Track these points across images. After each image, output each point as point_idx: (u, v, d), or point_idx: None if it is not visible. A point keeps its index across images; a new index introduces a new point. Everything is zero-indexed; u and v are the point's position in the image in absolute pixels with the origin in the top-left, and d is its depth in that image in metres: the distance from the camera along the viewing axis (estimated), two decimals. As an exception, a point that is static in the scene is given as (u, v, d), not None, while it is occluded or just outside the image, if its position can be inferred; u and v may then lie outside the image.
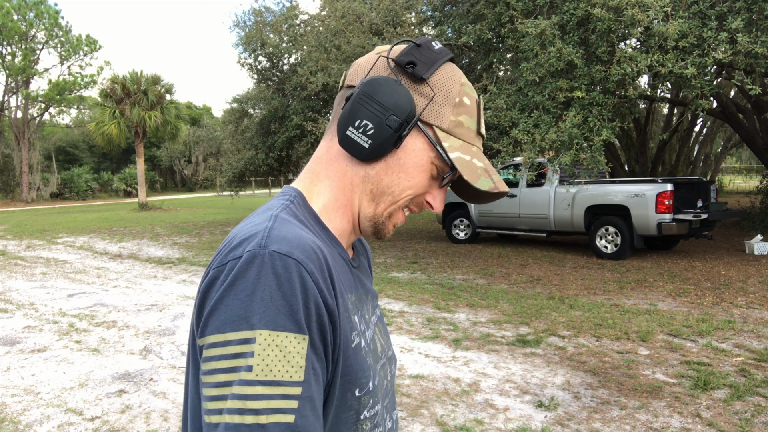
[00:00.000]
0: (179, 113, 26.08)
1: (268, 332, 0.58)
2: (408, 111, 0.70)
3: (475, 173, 0.73)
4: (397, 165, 0.73)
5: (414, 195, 0.74)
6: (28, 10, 29.36)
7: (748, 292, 6.23)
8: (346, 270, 0.75)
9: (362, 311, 0.76)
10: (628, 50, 6.51)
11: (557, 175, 9.34)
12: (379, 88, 0.70)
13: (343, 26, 9.13)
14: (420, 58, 0.72)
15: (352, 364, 0.68)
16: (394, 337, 4.96)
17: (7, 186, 34.24)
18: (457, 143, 0.73)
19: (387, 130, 0.70)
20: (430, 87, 0.72)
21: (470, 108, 0.75)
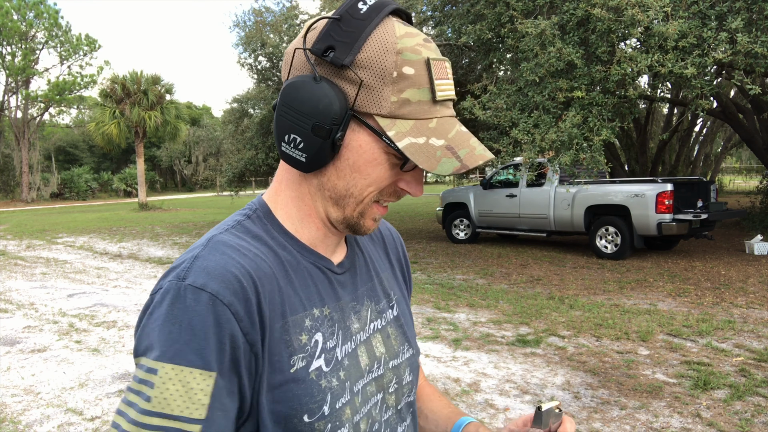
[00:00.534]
0: (179, 113, 26.09)
1: (171, 366, 0.56)
2: (332, 112, 0.62)
3: (433, 157, 0.61)
4: (347, 167, 0.65)
5: (377, 190, 0.67)
6: (28, 10, 29.37)
7: (748, 292, 6.23)
8: (317, 281, 0.71)
9: (342, 322, 0.72)
10: (628, 50, 6.52)
11: (557, 175, 9.34)
12: (295, 94, 0.63)
13: (343, 26, 9.13)
14: (339, 37, 0.61)
15: (285, 391, 0.63)
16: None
17: (7, 186, 34.25)
18: (405, 126, 0.62)
19: (316, 140, 0.63)
20: (355, 71, 0.61)
21: (416, 77, 0.62)
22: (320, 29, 0.63)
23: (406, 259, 0.93)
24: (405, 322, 0.83)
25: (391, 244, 0.90)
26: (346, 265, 0.76)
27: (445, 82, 0.64)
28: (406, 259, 0.93)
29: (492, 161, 0.97)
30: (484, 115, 7.23)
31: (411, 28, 0.65)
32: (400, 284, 0.88)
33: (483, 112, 7.24)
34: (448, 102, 0.66)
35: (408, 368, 0.81)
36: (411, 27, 0.65)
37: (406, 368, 0.80)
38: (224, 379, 0.58)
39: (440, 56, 0.65)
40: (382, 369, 0.76)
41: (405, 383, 0.80)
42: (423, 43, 0.64)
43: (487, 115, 7.22)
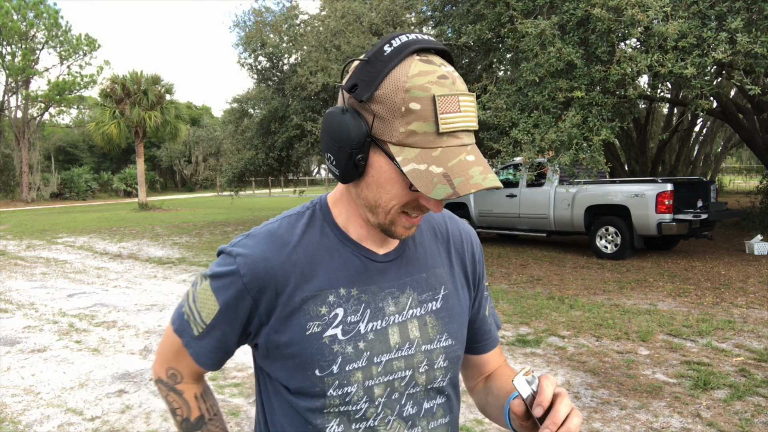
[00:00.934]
0: (179, 113, 26.08)
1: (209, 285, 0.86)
2: (352, 138, 0.75)
3: (430, 182, 0.72)
4: (373, 182, 0.78)
5: (399, 204, 0.79)
6: (28, 10, 29.37)
7: (748, 292, 6.23)
8: (351, 267, 0.86)
9: (372, 303, 0.86)
10: (628, 50, 6.52)
11: (557, 175, 9.34)
12: (328, 122, 0.78)
13: (343, 26, 9.13)
14: (363, 76, 0.75)
15: (301, 348, 0.83)
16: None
17: (7, 186, 34.25)
18: (411, 153, 0.73)
19: (342, 159, 0.77)
20: (372, 106, 0.74)
21: (422, 112, 0.72)
22: (353, 69, 0.77)
23: (476, 263, 1.02)
24: (448, 316, 0.93)
25: (458, 245, 0.99)
26: (391, 257, 0.89)
27: (452, 116, 0.72)
28: (476, 262, 1.02)
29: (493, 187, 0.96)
30: (484, 115, 7.23)
31: (430, 66, 0.74)
32: (458, 282, 0.97)
33: (483, 112, 7.24)
34: (459, 133, 0.74)
35: (443, 355, 0.91)
36: (432, 64, 0.74)
37: (440, 355, 0.90)
38: (224, 316, 0.85)
39: (455, 91, 0.73)
40: (413, 350, 0.88)
41: (437, 367, 0.90)
42: (436, 80, 0.72)
43: (487, 115, 7.21)
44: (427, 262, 0.93)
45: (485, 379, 1.05)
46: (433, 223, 0.98)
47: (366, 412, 0.85)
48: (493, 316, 1.07)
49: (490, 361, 1.06)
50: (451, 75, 0.74)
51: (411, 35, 0.76)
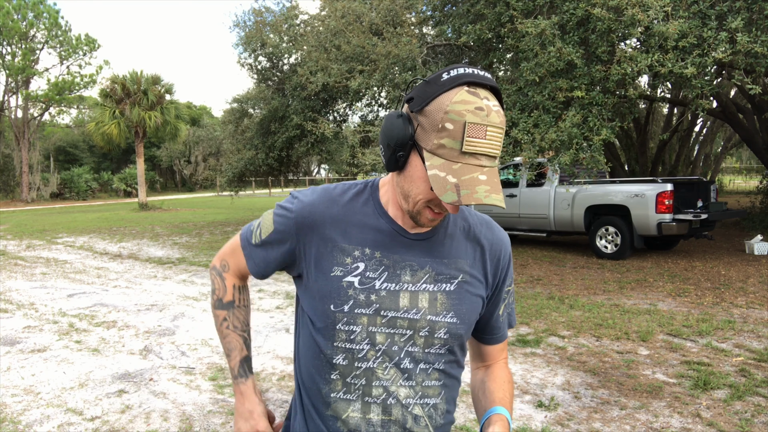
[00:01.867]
0: (179, 113, 26.07)
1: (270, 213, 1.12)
2: (399, 138, 0.94)
3: (443, 188, 0.89)
4: (409, 176, 0.97)
5: (425, 199, 0.96)
6: (28, 10, 29.36)
7: (748, 292, 6.23)
8: (382, 235, 1.05)
9: (391, 268, 1.03)
10: (628, 50, 6.51)
11: (557, 175, 9.34)
12: (386, 121, 0.98)
13: (343, 26, 9.13)
14: (420, 93, 0.93)
15: (325, 284, 1.03)
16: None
17: (7, 186, 34.24)
18: (437, 162, 0.91)
19: (388, 152, 0.97)
20: (419, 117, 0.93)
21: (453, 131, 0.88)
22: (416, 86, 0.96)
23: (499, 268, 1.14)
24: (459, 299, 1.07)
25: (487, 248, 1.12)
26: (421, 237, 1.06)
27: (477, 141, 0.88)
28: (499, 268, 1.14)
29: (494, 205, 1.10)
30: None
31: (473, 97, 0.89)
32: (477, 276, 1.10)
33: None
34: (480, 156, 0.89)
35: (445, 329, 1.05)
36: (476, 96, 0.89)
37: (443, 327, 1.05)
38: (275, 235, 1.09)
39: (487, 123, 0.88)
40: (419, 316, 1.04)
41: (437, 337, 1.05)
42: (473, 110, 0.88)
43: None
44: (452, 252, 1.08)
45: (485, 368, 1.22)
46: (470, 223, 1.13)
47: (367, 353, 1.03)
48: (509, 316, 1.21)
49: (494, 353, 1.22)
50: (488, 108, 0.89)
51: (469, 69, 0.92)
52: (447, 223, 1.09)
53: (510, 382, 1.19)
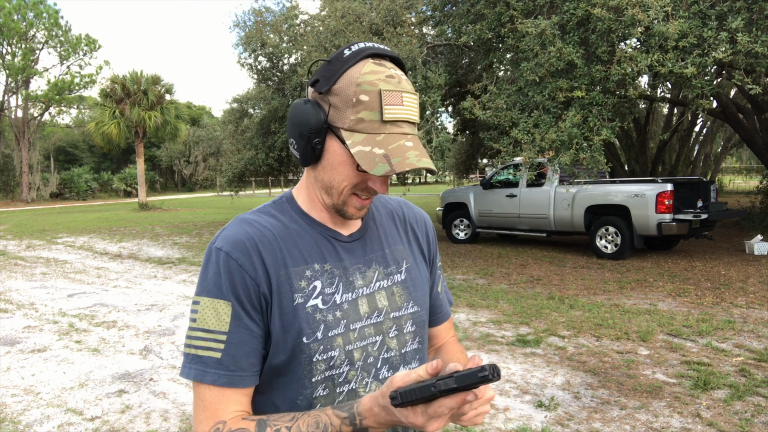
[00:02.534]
0: (179, 113, 26.07)
1: (207, 299, 0.89)
2: (310, 124, 0.88)
3: (372, 162, 0.83)
4: (328, 165, 0.91)
5: (351, 185, 0.90)
6: (28, 10, 29.35)
7: (748, 292, 6.23)
8: (321, 245, 0.96)
9: (344, 277, 0.95)
10: (628, 50, 6.51)
11: (557, 175, 9.33)
12: (293, 111, 0.91)
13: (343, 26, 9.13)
14: (325, 73, 0.88)
15: (292, 317, 0.90)
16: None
17: (7, 186, 34.23)
18: (359, 138, 0.85)
19: (302, 142, 0.90)
20: (329, 97, 0.87)
21: (369, 102, 0.84)
22: (318, 67, 0.90)
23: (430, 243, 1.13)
24: (413, 285, 1.04)
25: (414, 226, 1.11)
26: (356, 236, 1.00)
27: (394, 108, 0.85)
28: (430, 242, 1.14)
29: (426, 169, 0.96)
30: (484, 115, 7.22)
31: (381, 67, 0.87)
32: (416, 258, 1.08)
33: (483, 112, 7.24)
34: (401, 123, 0.86)
35: (410, 321, 1.02)
36: (383, 66, 0.87)
37: (408, 320, 1.01)
38: (240, 307, 0.88)
39: (400, 88, 0.86)
40: (382, 317, 0.98)
41: (406, 332, 1.01)
42: (384, 78, 0.86)
43: (487, 115, 7.21)
44: (388, 240, 1.05)
45: (435, 350, 1.17)
46: (391, 208, 1.10)
47: (347, 374, 0.94)
48: (445, 293, 1.18)
49: (441, 333, 1.17)
50: (398, 76, 0.87)
51: (369, 43, 0.89)
52: (373, 215, 1.05)
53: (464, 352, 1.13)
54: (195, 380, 0.87)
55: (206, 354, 0.87)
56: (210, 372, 0.87)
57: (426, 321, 1.06)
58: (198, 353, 0.87)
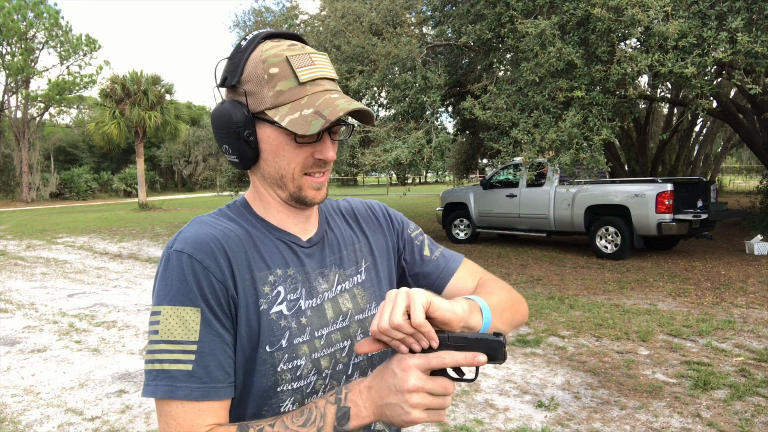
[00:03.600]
0: (179, 113, 26.09)
1: (169, 307, 0.80)
2: (235, 119, 0.85)
3: (306, 123, 0.81)
4: (269, 155, 0.87)
5: (299, 165, 0.87)
6: (28, 10, 29.35)
7: (748, 292, 6.23)
8: (282, 250, 0.91)
9: (306, 282, 0.91)
10: (628, 50, 6.51)
11: (557, 175, 9.34)
12: (214, 118, 0.89)
13: (343, 26, 9.13)
14: (229, 69, 0.86)
15: (257, 324, 0.84)
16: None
17: (7, 186, 34.23)
18: (285, 109, 0.83)
19: (235, 142, 0.86)
20: (242, 87, 0.85)
21: (281, 72, 0.83)
22: (221, 68, 0.89)
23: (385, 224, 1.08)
24: (373, 285, 1.00)
25: (363, 216, 1.07)
26: (314, 241, 0.96)
27: (307, 68, 0.84)
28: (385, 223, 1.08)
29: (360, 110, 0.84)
30: (484, 115, 7.22)
31: (281, 41, 0.87)
32: (376, 251, 1.04)
33: (483, 112, 7.23)
34: (319, 80, 0.85)
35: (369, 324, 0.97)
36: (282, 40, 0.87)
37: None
38: (209, 312, 0.80)
39: (305, 51, 0.85)
40: (347, 321, 0.94)
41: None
42: (286, 48, 0.85)
43: (487, 115, 7.21)
44: (345, 240, 1.01)
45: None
46: (341, 208, 1.07)
47: (315, 384, 0.89)
48: (443, 256, 1.08)
49: (458, 284, 1.05)
50: (299, 44, 0.87)
51: (263, 30, 0.88)
52: (327, 220, 1.01)
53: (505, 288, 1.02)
54: (163, 397, 0.78)
55: (174, 367, 0.78)
56: (181, 386, 0.77)
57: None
58: (164, 367, 0.78)
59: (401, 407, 0.74)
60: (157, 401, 0.80)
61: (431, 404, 0.75)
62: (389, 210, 1.11)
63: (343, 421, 0.77)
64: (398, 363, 0.75)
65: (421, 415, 0.75)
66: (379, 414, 0.77)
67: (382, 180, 51.95)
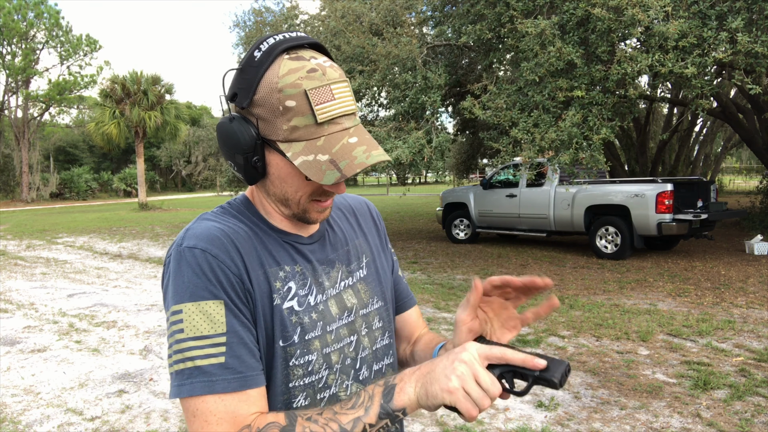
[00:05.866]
0: (179, 113, 26.10)
1: (191, 304, 0.78)
2: (243, 143, 0.81)
3: (320, 170, 0.78)
4: (276, 179, 0.85)
5: (307, 194, 0.85)
6: (29, 10, 29.36)
7: (748, 292, 6.23)
8: (287, 248, 0.90)
9: (314, 278, 0.91)
10: (628, 50, 6.51)
11: (557, 175, 9.34)
12: (220, 132, 0.84)
13: (343, 26, 9.12)
14: (240, 85, 0.80)
15: (270, 319, 0.84)
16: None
17: (7, 186, 34.24)
18: (298, 147, 0.79)
19: (241, 164, 0.83)
20: (253, 110, 0.80)
21: (298, 107, 0.77)
22: (232, 79, 0.82)
23: (379, 227, 1.10)
24: (374, 280, 1.01)
25: (362, 215, 1.08)
26: (316, 238, 0.95)
27: (326, 106, 0.78)
28: (379, 227, 1.10)
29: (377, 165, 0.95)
30: (484, 114, 7.22)
31: (299, 62, 0.79)
32: (374, 248, 1.05)
33: (483, 112, 7.23)
34: (339, 119, 0.79)
35: (377, 317, 0.99)
36: (301, 60, 0.79)
37: (375, 316, 0.98)
38: (231, 304, 0.79)
39: (326, 81, 0.78)
40: (353, 317, 0.94)
41: (375, 328, 0.98)
42: (306, 75, 0.78)
43: (487, 114, 7.21)
44: (345, 237, 1.00)
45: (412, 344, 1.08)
46: (338, 204, 1.06)
47: (327, 379, 0.89)
48: (407, 285, 1.13)
49: (411, 320, 1.10)
50: (321, 66, 0.79)
51: (279, 36, 0.80)
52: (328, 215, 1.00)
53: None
54: (202, 394, 0.75)
55: (207, 362, 0.76)
56: (218, 380, 0.76)
57: (392, 315, 1.03)
58: (197, 364, 0.76)
59: (444, 374, 0.73)
60: (191, 401, 0.76)
61: (472, 391, 0.73)
62: (379, 215, 1.13)
63: (387, 397, 0.75)
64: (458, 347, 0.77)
65: (459, 390, 0.72)
66: (422, 387, 0.75)
67: (382, 180, 51.93)
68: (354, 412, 0.75)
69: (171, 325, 0.79)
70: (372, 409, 0.75)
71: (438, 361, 0.76)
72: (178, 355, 0.77)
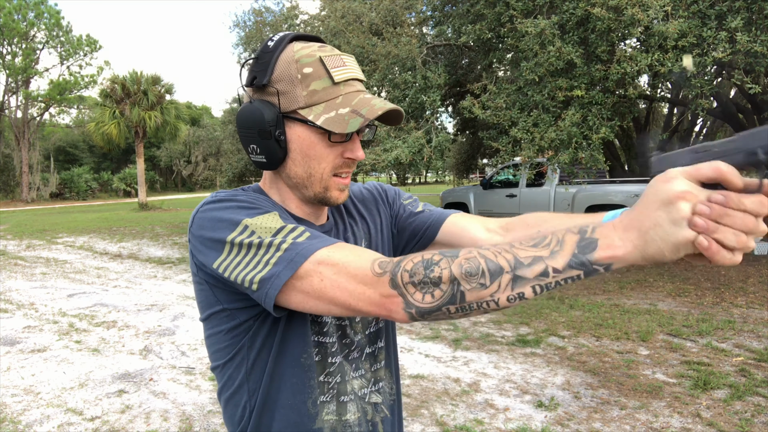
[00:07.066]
0: (179, 113, 26.10)
1: (249, 219, 0.80)
2: (267, 117, 0.84)
3: (343, 121, 0.82)
4: (298, 156, 0.87)
5: (330, 165, 0.88)
6: (29, 10, 29.36)
7: (748, 292, 6.23)
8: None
9: None
10: (628, 50, 6.51)
11: (557, 175, 9.34)
12: (241, 117, 0.88)
13: (343, 26, 9.12)
14: (258, 68, 0.86)
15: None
16: (394, 337, 4.95)
17: (7, 186, 34.25)
18: (319, 109, 0.84)
19: (264, 142, 0.86)
20: (273, 86, 0.85)
21: (315, 72, 0.84)
22: (249, 67, 0.89)
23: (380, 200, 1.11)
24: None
25: (360, 200, 1.09)
26: (327, 228, 0.98)
27: (340, 69, 0.85)
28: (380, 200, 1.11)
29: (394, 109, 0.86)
30: (483, 114, 7.22)
31: (310, 43, 0.88)
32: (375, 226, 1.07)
33: (483, 112, 7.23)
34: (351, 81, 0.86)
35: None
36: (311, 42, 0.88)
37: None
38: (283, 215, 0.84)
39: (336, 53, 0.86)
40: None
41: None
42: (317, 48, 0.86)
43: (487, 114, 7.21)
44: (347, 228, 1.03)
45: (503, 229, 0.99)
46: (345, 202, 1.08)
47: (336, 345, 0.94)
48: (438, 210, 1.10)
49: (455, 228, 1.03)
50: (328, 46, 0.88)
51: (290, 32, 0.89)
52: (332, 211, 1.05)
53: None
54: (314, 251, 0.75)
55: (298, 239, 0.77)
56: (319, 238, 0.78)
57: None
58: (289, 244, 0.76)
59: (671, 222, 0.59)
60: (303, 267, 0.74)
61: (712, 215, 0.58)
62: (383, 186, 1.15)
63: (587, 250, 0.64)
64: (659, 179, 0.62)
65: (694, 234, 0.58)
66: (642, 242, 0.61)
67: (382, 180, 51.99)
68: (536, 251, 0.66)
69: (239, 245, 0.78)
70: (560, 255, 0.65)
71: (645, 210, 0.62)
72: (262, 250, 0.77)
